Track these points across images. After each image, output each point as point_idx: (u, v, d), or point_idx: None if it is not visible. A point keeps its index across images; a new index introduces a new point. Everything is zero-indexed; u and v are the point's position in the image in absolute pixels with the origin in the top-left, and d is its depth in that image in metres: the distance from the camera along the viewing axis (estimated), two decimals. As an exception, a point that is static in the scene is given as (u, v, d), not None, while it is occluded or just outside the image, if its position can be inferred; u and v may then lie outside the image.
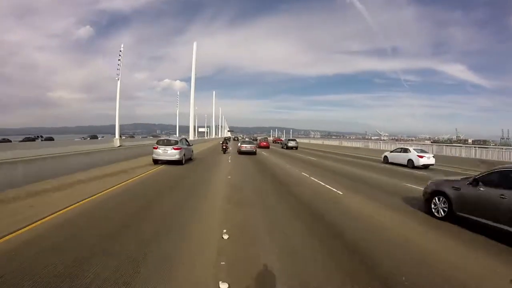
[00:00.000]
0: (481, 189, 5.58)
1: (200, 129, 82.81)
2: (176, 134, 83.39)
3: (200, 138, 65.53)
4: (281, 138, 72.48)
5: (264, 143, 38.46)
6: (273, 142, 60.25)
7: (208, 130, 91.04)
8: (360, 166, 18.58)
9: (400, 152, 20.72)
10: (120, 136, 26.75)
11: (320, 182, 11.03)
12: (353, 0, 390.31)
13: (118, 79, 26.50)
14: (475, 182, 5.76)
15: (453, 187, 6.27)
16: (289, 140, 42.75)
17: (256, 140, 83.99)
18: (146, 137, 59.53)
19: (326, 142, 53.73)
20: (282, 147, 41.36)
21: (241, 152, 23.98)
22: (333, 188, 9.86)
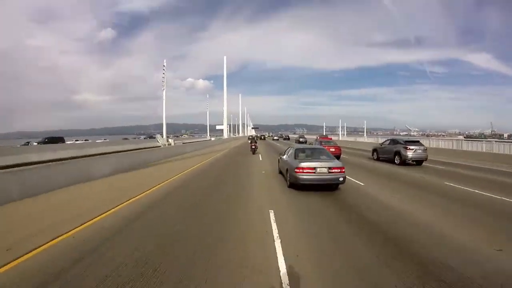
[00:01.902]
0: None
1: (218, 127, 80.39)
2: (206, 134, 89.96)
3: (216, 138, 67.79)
4: (328, 136, 43.63)
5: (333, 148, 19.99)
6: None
7: (228, 128, 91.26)
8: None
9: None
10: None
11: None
12: None
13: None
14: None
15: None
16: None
17: (286, 138, 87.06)
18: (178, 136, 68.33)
19: (350, 139, 59.30)
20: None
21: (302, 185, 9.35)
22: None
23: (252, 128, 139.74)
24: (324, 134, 63.77)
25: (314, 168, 8.70)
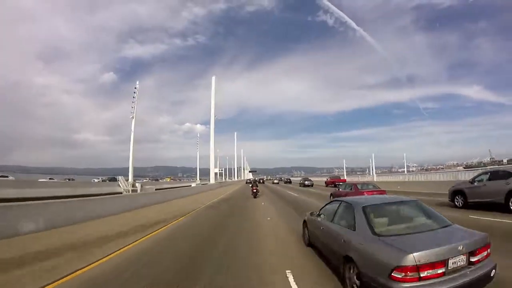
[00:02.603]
0: None
1: (215, 170, 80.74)
2: (196, 177, 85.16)
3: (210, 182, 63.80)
4: (340, 178, 45.44)
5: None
6: (326, 185, 41.31)
7: (223, 171, 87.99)
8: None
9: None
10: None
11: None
12: (363, 34, 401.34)
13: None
14: None
15: None
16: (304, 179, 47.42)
17: (285, 180, 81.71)
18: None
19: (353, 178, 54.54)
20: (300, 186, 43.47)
21: None
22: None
23: (250, 171, 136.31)
24: (336, 175, 57.68)
25: (445, 262, 3.30)
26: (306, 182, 42.86)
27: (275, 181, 74.69)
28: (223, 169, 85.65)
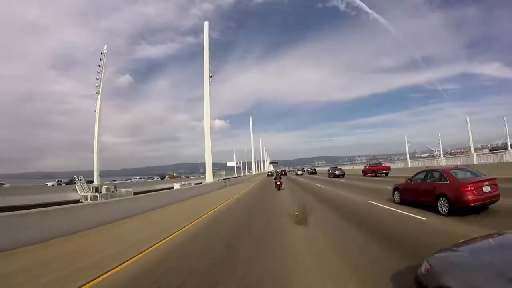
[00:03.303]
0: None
1: (229, 164, 76.32)
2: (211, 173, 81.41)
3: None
4: (382, 164, 36.13)
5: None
6: (364, 174, 34.40)
7: (241, 165, 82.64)
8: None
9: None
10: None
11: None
12: (376, 17, 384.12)
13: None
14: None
15: None
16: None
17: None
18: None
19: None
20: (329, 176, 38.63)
21: None
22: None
23: (270, 163, 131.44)
24: (377, 161, 48.57)
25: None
26: (336, 172, 37.05)
27: (299, 172, 69.38)
28: (241, 162, 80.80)
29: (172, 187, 26.52)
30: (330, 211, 11.22)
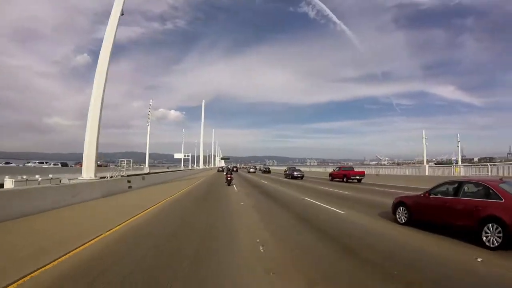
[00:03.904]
0: None
1: (176, 155, 71.66)
2: (166, 165, 73.48)
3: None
4: (354, 169, 31.30)
5: None
6: (331, 179, 30.66)
7: (189, 158, 76.64)
8: None
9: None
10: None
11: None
12: (343, 28, 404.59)
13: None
14: None
15: None
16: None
17: (265, 169, 70.68)
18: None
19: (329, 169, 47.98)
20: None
21: None
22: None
23: (222, 158, 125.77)
24: (349, 165, 44.76)
25: None
26: (295, 173, 34.18)
27: (251, 170, 65.72)
28: (189, 155, 74.43)
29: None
30: (313, 236, 7.18)
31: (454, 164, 34.60)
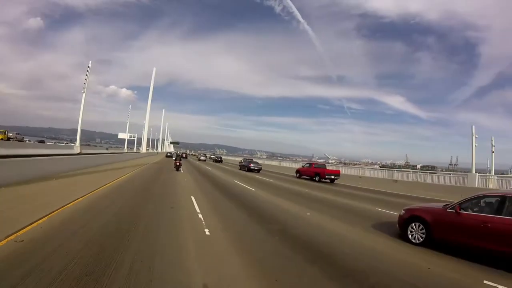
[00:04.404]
0: None
1: (121, 135, 64.75)
2: (123, 146, 64.99)
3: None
4: (326, 167, 28.26)
5: None
6: (299, 176, 27.16)
7: (135, 140, 69.97)
8: None
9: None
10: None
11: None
12: (306, 28, 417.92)
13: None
14: None
15: None
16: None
17: (217, 158, 66.43)
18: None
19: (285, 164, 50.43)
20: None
21: None
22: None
23: (171, 143, 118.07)
24: (320, 162, 42.47)
25: None
26: (251, 165, 31.22)
27: (202, 158, 62.13)
28: (136, 135, 67.35)
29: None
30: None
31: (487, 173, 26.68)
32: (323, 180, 24.06)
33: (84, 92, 24.65)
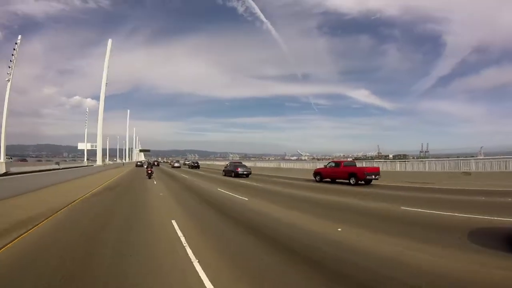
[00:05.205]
0: None
1: (80, 146, 56.41)
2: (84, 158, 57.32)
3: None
4: (355, 165, 22.26)
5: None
6: (320, 179, 22.23)
7: (105, 150, 63.38)
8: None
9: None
10: None
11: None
12: (269, 28, 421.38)
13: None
14: None
15: None
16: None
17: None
18: None
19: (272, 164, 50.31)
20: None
21: None
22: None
23: (141, 151, 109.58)
24: (349, 160, 38.04)
25: None
26: (239, 169, 26.18)
27: (176, 165, 57.93)
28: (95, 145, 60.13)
29: None
30: None
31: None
32: (360, 182, 18.73)
33: (9, 80, 20.64)
